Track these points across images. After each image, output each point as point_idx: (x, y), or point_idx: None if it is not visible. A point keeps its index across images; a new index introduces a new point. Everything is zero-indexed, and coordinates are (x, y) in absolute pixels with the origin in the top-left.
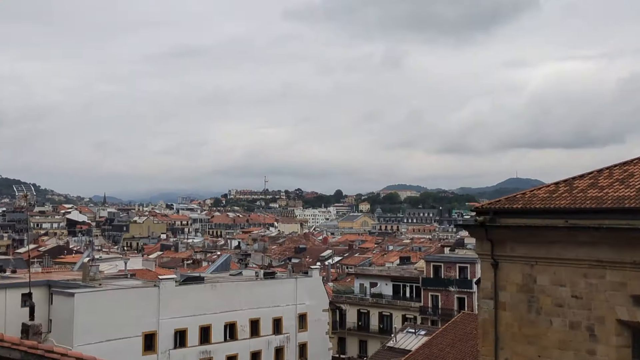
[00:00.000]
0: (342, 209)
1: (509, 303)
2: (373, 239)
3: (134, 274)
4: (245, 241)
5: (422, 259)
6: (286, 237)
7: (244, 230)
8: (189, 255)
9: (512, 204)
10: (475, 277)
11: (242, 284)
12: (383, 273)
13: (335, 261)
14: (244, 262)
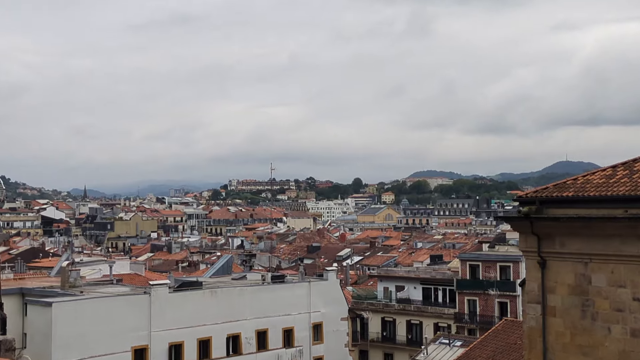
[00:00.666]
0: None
1: (559, 308)
2: (399, 234)
3: (120, 279)
4: (249, 239)
5: (457, 257)
6: (297, 234)
7: (247, 227)
8: (184, 256)
9: (562, 191)
10: (519, 278)
11: (247, 290)
12: (411, 275)
13: (354, 261)
14: (248, 264)
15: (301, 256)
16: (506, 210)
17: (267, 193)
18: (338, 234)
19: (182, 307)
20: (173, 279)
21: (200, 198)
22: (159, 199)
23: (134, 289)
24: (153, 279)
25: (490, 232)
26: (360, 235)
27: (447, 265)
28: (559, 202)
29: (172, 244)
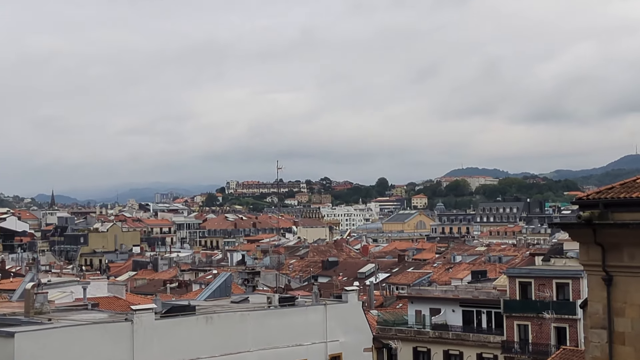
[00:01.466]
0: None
1: (629, 334)
2: (433, 246)
3: (96, 303)
4: (251, 254)
5: (504, 273)
6: (309, 247)
7: (249, 239)
8: (174, 275)
9: (632, 191)
10: (579, 298)
11: (249, 315)
12: (448, 295)
13: (380, 280)
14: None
15: (315, 274)
16: (563, 216)
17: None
18: (359, 246)
19: (171, 337)
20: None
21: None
22: (142, 206)
23: (113, 316)
24: (136, 303)
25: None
26: (387, 248)
27: (493, 283)
28: (628, 205)
29: (159, 260)
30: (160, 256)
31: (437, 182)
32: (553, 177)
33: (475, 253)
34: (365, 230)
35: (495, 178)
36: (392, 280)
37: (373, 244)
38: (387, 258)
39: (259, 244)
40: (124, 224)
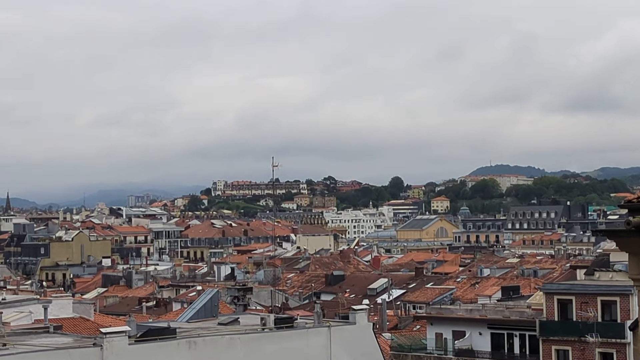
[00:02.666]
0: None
1: None
2: (457, 257)
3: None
4: (242, 267)
5: (540, 289)
6: (311, 259)
7: (240, 249)
8: (151, 292)
9: None
10: (629, 318)
11: (240, 339)
12: (475, 315)
13: (394, 297)
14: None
15: (317, 290)
16: (610, 222)
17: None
18: (370, 257)
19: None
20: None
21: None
22: (114, 211)
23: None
24: (106, 325)
25: (588, 253)
26: (402, 259)
27: (527, 301)
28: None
29: (133, 274)
30: (134, 270)
31: (460, 182)
32: (597, 176)
33: (506, 266)
34: (377, 239)
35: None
36: (408, 298)
37: (386, 255)
38: (402, 271)
39: (251, 255)
40: (92, 232)
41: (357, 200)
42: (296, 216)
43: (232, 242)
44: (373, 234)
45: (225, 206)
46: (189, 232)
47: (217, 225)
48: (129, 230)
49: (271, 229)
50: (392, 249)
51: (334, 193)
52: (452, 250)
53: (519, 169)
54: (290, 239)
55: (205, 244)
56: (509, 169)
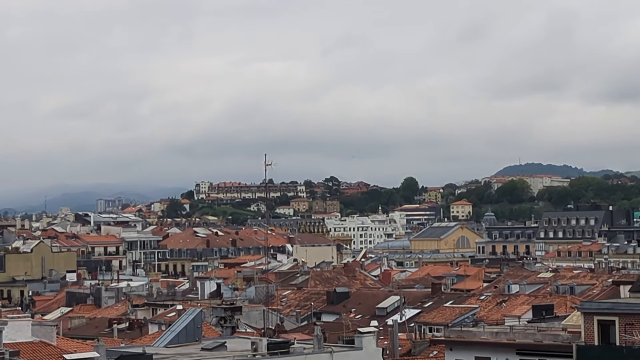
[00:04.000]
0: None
1: None
2: (480, 271)
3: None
4: (230, 282)
5: (577, 309)
6: (310, 273)
7: (227, 262)
8: (123, 312)
9: None
10: None
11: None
12: (501, 339)
13: (407, 317)
14: (230, 324)
15: (318, 309)
16: None
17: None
18: (379, 271)
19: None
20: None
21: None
22: (80, 217)
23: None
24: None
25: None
26: (416, 274)
27: (562, 322)
28: None
29: (103, 291)
30: (104, 286)
31: (485, 184)
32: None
33: (537, 281)
34: (387, 250)
35: (566, 178)
36: (424, 319)
37: (397, 269)
38: (416, 288)
39: (240, 269)
40: (55, 242)
41: (364, 204)
42: (293, 223)
43: (218, 253)
44: (383, 244)
45: (210, 212)
46: (168, 242)
47: (200, 234)
48: (98, 240)
49: (263, 239)
50: (405, 262)
51: (337, 196)
52: (475, 263)
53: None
54: (286, 250)
55: (186, 255)
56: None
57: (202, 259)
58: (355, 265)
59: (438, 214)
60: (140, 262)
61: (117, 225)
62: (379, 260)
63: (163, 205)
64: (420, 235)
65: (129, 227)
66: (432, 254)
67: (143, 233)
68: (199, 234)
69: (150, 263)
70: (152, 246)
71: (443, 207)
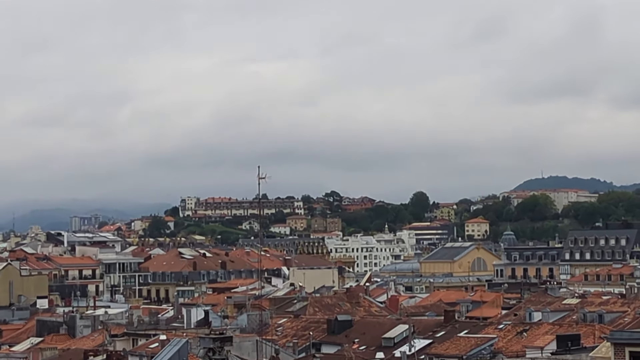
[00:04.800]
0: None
1: None
2: (498, 297)
3: None
4: (220, 310)
5: (606, 339)
6: (309, 300)
7: (216, 287)
8: (100, 343)
9: None
10: None
11: None
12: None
13: (417, 349)
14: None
15: (317, 340)
16: None
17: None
18: (385, 297)
19: None
20: None
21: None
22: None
23: None
24: None
25: None
26: (427, 300)
27: (590, 354)
28: None
29: (77, 319)
30: (79, 314)
31: (503, 199)
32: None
33: (562, 308)
34: (394, 273)
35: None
36: (436, 350)
37: (406, 295)
38: (427, 316)
39: (230, 295)
40: (24, 265)
41: (369, 222)
42: (289, 243)
43: (206, 277)
44: (389, 267)
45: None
46: (150, 265)
47: (186, 256)
48: (72, 262)
49: (257, 261)
50: (415, 287)
51: (339, 213)
52: (493, 288)
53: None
54: (282, 274)
55: (171, 279)
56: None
57: (188, 283)
58: (358, 290)
59: (451, 233)
60: (119, 287)
61: (94, 245)
62: (386, 284)
63: (145, 223)
64: (432, 257)
65: (107, 248)
66: (444, 277)
67: (122, 254)
68: (185, 255)
69: (131, 288)
70: (132, 269)
71: (457, 226)
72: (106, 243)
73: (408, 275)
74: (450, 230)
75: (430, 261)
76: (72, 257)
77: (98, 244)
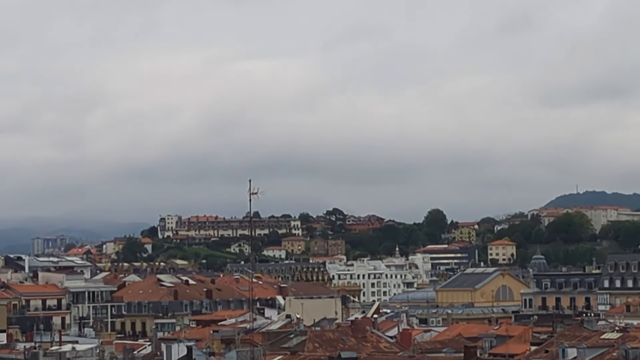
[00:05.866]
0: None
1: None
2: (526, 331)
3: None
4: (205, 345)
5: None
6: (308, 334)
7: (201, 319)
8: None
9: None
10: None
11: None
12: None
13: None
14: None
15: None
16: None
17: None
18: (396, 331)
19: None
20: None
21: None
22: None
23: None
24: None
25: None
26: (445, 334)
27: None
28: None
29: (40, 356)
30: (42, 350)
31: (532, 218)
32: None
33: (601, 344)
34: (407, 303)
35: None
36: None
37: (420, 328)
38: (445, 353)
39: (217, 329)
40: None
41: (377, 244)
42: (285, 269)
43: (188, 307)
44: (401, 296)
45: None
46: (125, 294)
47: (166, 283)
48: (35, 291)
49: (247, 289)
50: (430, 319)
51: (342, 234)
52: (520, 321)
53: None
54: (277, 304)
55: (148, 310)
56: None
57: (168, 315)
58: (365, 323)
59: (472, 257)
60: (88, 319)
61: (59, 271)
62: (396, 316)
63: (118, 245)
64: (449, 285)
65: (74, 274)
66: (464, 308)
67: (92, 281)
68: (165, 282)
69: (102, 320)
70: (104, 298)
71: (478, 248)
72: (74, 268)
73: (422, 305)
74: (471, 253)
75: (447, 289)
76: (34, 285)
77: (64, 270)
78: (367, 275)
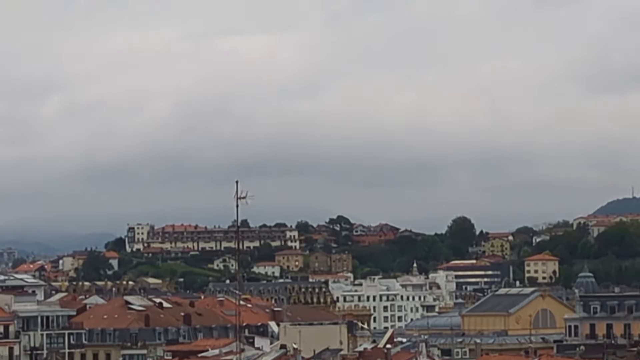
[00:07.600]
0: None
1: None
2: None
3: None
4: None
5: None
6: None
7: (177, 350)
8: None
9: None
10: None
11: None
12: None
13: None
14: None
15: None
16: None
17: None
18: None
19: None
20: None
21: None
22: None
23: None
24: None
25: None
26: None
27: None
28: None
29: None
30: None
31: (579, 228)
32: None
33: None
34: (426, 331)
35: None
36: None
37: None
38: None
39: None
40: None
41: (391, 260)
42: (280, 289)
43: (163, 336)
44: (420, 322)
45: (150, 271)
46: (85, 319)
47: (135, 307)
48: None
49: (234, 313)
50: (455, 349)
51: (348, 247)
52: (564, 352)
53: None
54: (269, 331)
55: (114, 339)
56: None
57: (138, 345)
58: (376, 354)
59: (506, 275)
60: (41, 351)
61: (6, 292)
62: (414, 346)
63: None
64: (478, 308)
65: (25, 295)
66: (496, 337)
67: (46, 304)
68: (134, 305)
69: (58, 351)
70: (60, 325)
71: (513, 264)
72: (24, 288)
73: (445, 333)
74: (504, 270)
75: (476, 314)
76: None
77: (12, 290)
78: (378, 297)
